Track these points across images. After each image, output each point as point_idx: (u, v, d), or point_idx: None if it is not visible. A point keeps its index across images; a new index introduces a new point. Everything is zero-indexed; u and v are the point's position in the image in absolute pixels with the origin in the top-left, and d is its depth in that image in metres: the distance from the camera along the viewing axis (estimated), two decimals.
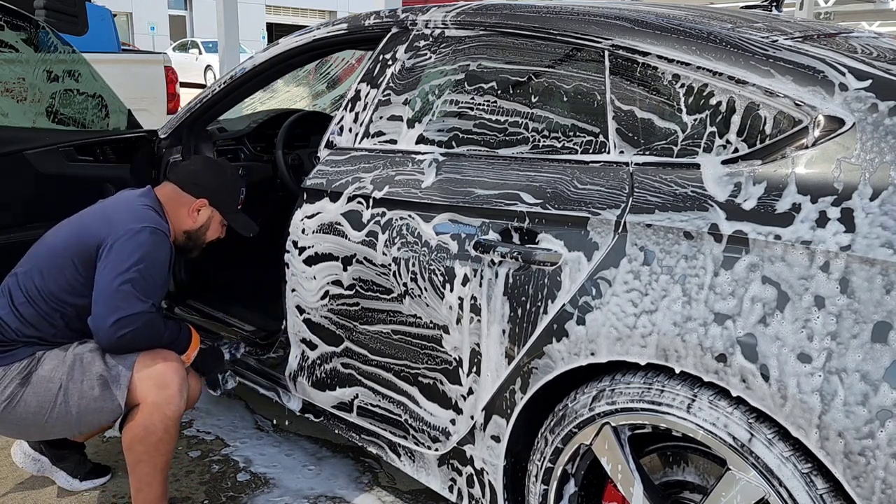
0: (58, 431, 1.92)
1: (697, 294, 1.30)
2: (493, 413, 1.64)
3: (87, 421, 1.87)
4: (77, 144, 2.49)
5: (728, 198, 1.32)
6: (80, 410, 1.85)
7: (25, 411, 1.83)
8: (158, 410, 1.82)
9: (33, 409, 1.83)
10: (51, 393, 1.83)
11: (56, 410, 1.84)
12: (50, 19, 2.62)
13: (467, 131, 1.78)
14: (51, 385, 1.83)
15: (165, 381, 1.83)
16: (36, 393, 1.83)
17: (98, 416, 1.87)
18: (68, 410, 1.84)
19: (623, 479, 1.45)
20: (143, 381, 1.83)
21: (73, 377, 1.84)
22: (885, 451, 1.10)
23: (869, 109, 1.25)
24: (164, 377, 1.83)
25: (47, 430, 1.91)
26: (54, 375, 1.84)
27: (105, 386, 1.84)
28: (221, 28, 8.77)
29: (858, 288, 1.15)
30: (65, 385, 1.83)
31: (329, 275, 1.96)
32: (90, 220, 1.96)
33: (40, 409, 1.83)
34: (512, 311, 1.56)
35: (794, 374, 1.18)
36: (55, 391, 1.83)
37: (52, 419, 1.85)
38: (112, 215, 1.94)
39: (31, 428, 1.90)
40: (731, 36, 1.46)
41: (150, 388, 1.82)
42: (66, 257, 1.88)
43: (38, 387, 1.83)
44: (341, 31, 2.18)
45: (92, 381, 1.84)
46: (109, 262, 1.83)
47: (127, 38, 24.46)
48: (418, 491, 2.24)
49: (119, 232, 1.86)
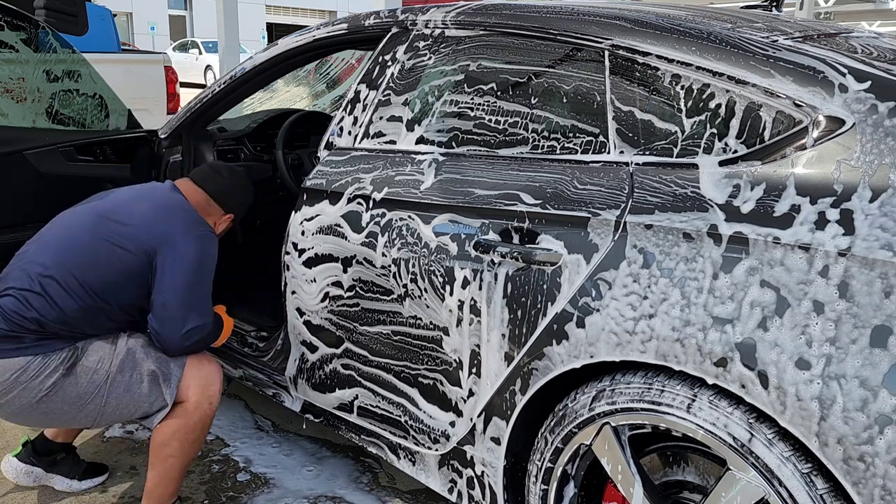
0: (80, 422, 1.88)
1: (697, 297, 1.30)
2: (493, 414, 1.64)
3: (119, 414, 1.86)
4: (77, 144, 2.49)
5: (727, 199, 1.32)
6: (119, 403, 1.84)
7: (62, 401, 1.81)
8: (199, 409, 1.87)
9: (71, 399, 1.81)
10: (94, 384, 1.82)
11: (94, 402, 1.82)
12: (50, 19, 2.62)
13: (467, 131, 1.78)
14: (96, 377, 1.82)
15: (209, 381, 1.89)
16: (78, 383, 1.81)
17: (133, 410, 1.86)
18: (107, 402, 1.83)
19: (623, 479, 1.45)
20: (192, 381, 1.87)
21: (123, 370, 1.84)
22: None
23: (869, 110, 1.25)
24: (209, 378, 1.89)
25: (72, 420, 1.87)
26: (101, 367, 1.83)
27: (154, 382, 1.85)
28: (221, 28, 8.77)
29: (858, 292, 1.15)
30: (112, 377, 1.83)
31: (329, 276, 1.96)
32: (129, 217, 1.90)
33: (79, 399, 1.81)
34: (512, 311, 1.56)
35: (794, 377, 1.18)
36: (100, 382, 1.82)
37: (85, 409, 1.83)
38: (160, 217, 1.91)
39: (58, 417, 1.85)
40: (731, 36, 1.46)
41: (196, 388, 1.87)
42: (112, 255, 1.84)
43: (82, 377, 1.81)
44: (341, 31, 2.18)
45: (141, 376, 1.84)
46: (176, 272, 1.84)
47: (127, 38, 24.47)
48: (418, 491, 2.24)
49: (179, 240, 1.87)
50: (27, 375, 1.76)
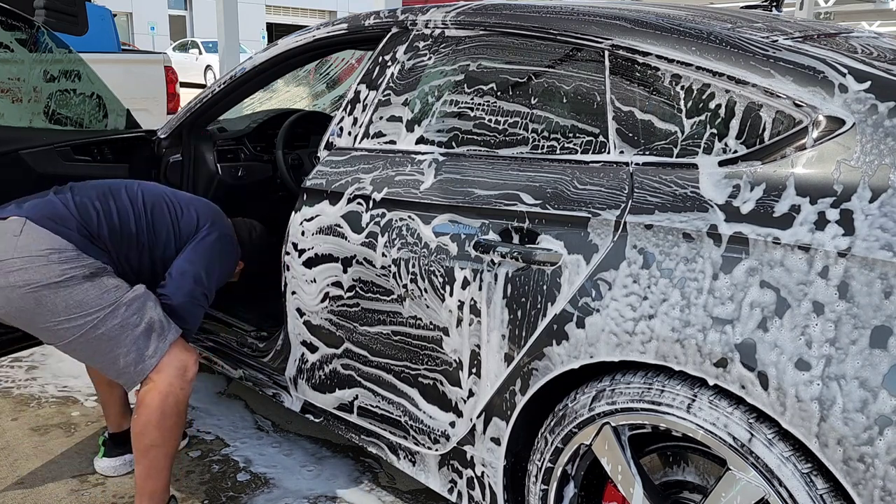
0: (59, 335, 1.82)
1: (697, 298, 1.30)
2: (493, 414, 1.65)
3: (99, 350, 1.82)
4: (74, 144, 2.49)
5: (727, 199, 1.32)
6: (108, 335, 1.81)
7: (63, 300, 1.78)
8: (172, 392, 1.86)
9: (72, 303, 1.79)
10: (101, 301, 1.81)
11: (89, 317, 1.79)
12: (50, 19, 2.61)
13: (467, 131, 1.78)
14: (107, 296, 1.81)
15: (186, 367, 1.89)
16: (88, 291, 1.80)
17: (113, 355, 1.82)
18: (98, 326, 1.80)
19: (623, 480, 1.45)
20: (172, 360, 1.86)
21: (131, 305, 1.83)
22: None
23: (869, 110, 1.25)
24: (186, 363, 1.89)
25: (52, 329, 1.81)
26: (116, 291, 1.83)
27: (149, 332, 1.84)
28: (221, 28, 8.78)
29: (858, 292, 1.15)
30: (118, 305, 1.82)
31: (329, 276, 1.96)
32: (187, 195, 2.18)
33: (78, 307, 1.79)
34: (511, 311, 1.56)
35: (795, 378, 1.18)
36: (106, 304, 1.81)
37: (75, 322, 1.79)
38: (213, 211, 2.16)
39: (42, 317, 1.80)
40: (731, 36, 1.46)
41: (172, 370, 1.86)
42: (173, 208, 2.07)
43: (96, 288, 1.81)
44: (341, 31, 2.18)
45: (141, 320, 1.83)
46: (208, 251, 2.04)
47: (127, 38, 24.49)
48: (418, 491, 2.24)
49: (219, 230, 2.10)
50: (57, 256, 1.79)
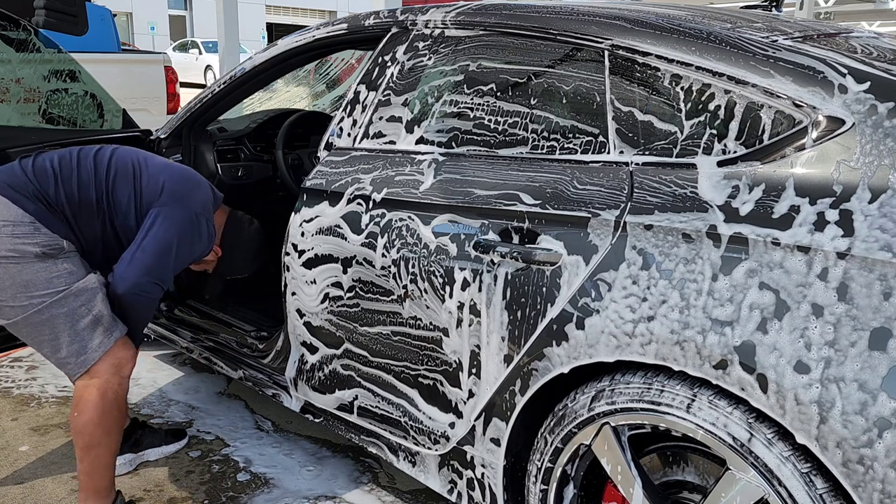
0: (4, 317, 1.83)
1: (696, 299, 1.30)
2: (493, 414, 1.64)
3: (42, 333, 1.81)
4: (67, 143, 2.48)
5: (727, 199, 1.32)
6: (53, 320, 1.79)
7: (11, 277, 1.76)
8: (110, 388, 1.86)
9: (19, 281, 1.76)
10: (50, 285, 1.78)
11: (36, 299, 1.77)
12: (50, 19, 2.61)
13: (467, 132, 1.78)
14: (57, 281, 1.79)
15: (123, 363, 1.90)
16: (38, 272, 1.77)
17: (56, 341, 1.81)
18: (44, 310, 1.78)
19: (623, 480, 1.45)
20: (109, 356, 1.85)
21: (80, 295, 1.81)
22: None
23: (869, 111, 1.25)
24: (122, 360, 1.89)
25: (0, 311, 1.82)
26: (68, 277, 1.81)
27: (95, 325, 1.82)
28: (221, 28, 8.77)
29: (857, 293, 1.15)
30: (68, 293, 1.80)
31: (329, 277, 1.96)
32: (163, 161, 2.08)
33: (25, 287, 1.76)
34: (511, 312, 1.56)
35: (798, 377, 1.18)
36: (55, 289, 1.79)
37: (20, 301, 1.77)
38: (192, 181, 2.05)
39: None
40: (731, 36, 1.46)
41: (109, 366, 1.86)
42: (138, 175, 1.97)
43: (47, 271, 1.78)
44: (341, 31, 2.18)
45: (89, 311, 1.82)
46: (171, 228, 1.92)
47: (127, 38, 24.47)
48: (418, 491, 2.24)
49: (190, 206, 1.98)
50: (11, 228, 1.76)
